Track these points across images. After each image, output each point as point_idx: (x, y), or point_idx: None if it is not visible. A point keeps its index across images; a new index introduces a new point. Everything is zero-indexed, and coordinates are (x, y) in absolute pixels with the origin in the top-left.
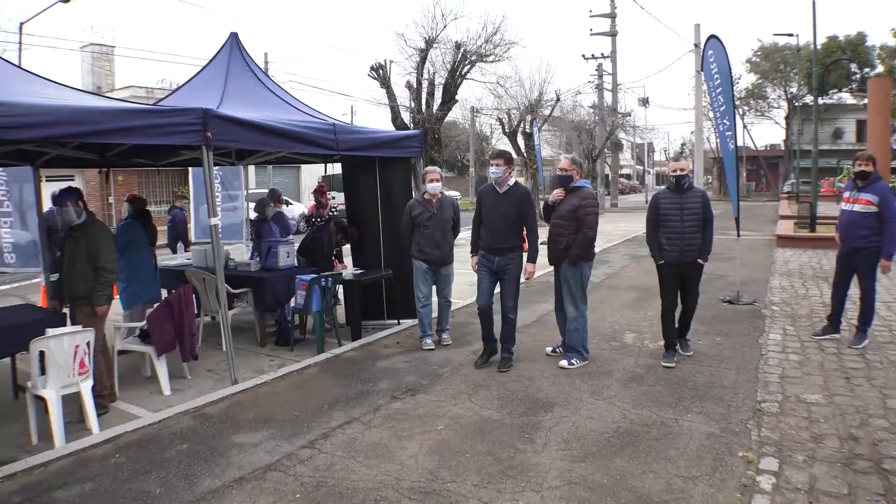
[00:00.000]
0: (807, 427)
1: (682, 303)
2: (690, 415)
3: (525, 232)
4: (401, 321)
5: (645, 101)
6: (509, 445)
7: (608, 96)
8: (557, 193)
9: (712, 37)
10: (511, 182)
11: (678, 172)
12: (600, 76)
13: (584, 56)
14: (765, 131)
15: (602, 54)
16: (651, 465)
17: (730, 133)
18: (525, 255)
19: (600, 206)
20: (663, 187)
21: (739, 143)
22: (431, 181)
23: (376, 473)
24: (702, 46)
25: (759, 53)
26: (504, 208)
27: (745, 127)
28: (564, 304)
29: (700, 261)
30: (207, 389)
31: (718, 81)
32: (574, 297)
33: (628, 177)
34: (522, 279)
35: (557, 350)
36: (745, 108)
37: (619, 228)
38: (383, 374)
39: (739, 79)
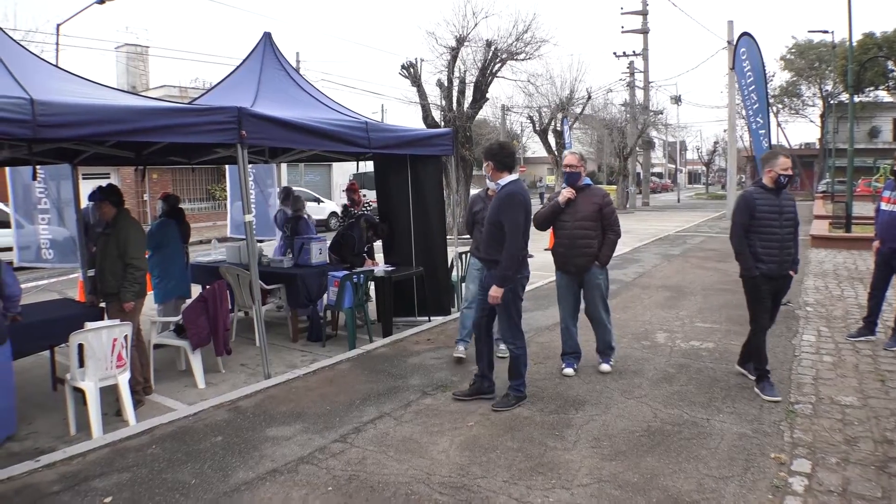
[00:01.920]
0: (840, 429)
1: None
2: (722, 415)
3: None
4: (431, 318)
5: (677, 99)
6: (540, 442)
7: (640, 94)
8: (568, 194)
9: (745, 34)
10: (503, 180)
11: (788, 171)
12: (632, 74)
13: (615, 53)
14: (799, 130)
15: (634, 52)
16: (682, 464)
17: (763, 131)
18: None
19: (631, 205)
20: (750, 186)
21: (773, 141)
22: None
23: (407, 468)
24: (734, 43)
25: (793, 51)
26: (490, 212)
27: (779, 125)
28: (593, 311)
29: (792, 272)
30: (241, 383)
31: (751, 79)
32: (605, 302)
33: (660, 175)
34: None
35: (575, 367)
36: (779, 106)
37: (651, 227)
38: (414, 371)
39: (773, 76)
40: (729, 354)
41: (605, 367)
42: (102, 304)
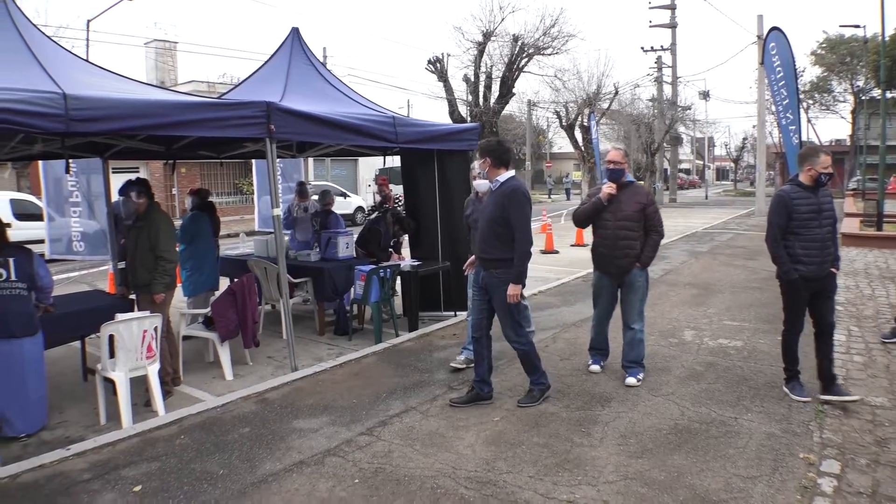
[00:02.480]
0: (871, 430)
1: (818, 328)
2: (750, 414)
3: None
4: (457, 313)
5: (705, 95)
6: (566, 439)
7: (668, 89)
8: (609, 189)
9: (774, 28)
10: (502, 177)
11: (829, 170)
12: (660, 69)
13: (643, 48)
14: (830, 126)
15: (661, 46)
16: (709, 463)
17: (793, 127)
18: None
19: (658, 201)
20: (786, 185)
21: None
22: (475, 178)
23: (433, 462)
24: (764, 38)
25: (824, 45)
26: (489, 210)
27: (809, 121)
28: (628, 314)
29: (834, 270)
30: (268, 375)
31: (781, 74)
32: (641, 308)
33: (687, 171)
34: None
35: (602, 364)
36: (810, 101)
37: (678, 224)
38: (440, 365)
39: (803, 72)
40: (758, 353)
41: (631, 380)
42: (132, 296)
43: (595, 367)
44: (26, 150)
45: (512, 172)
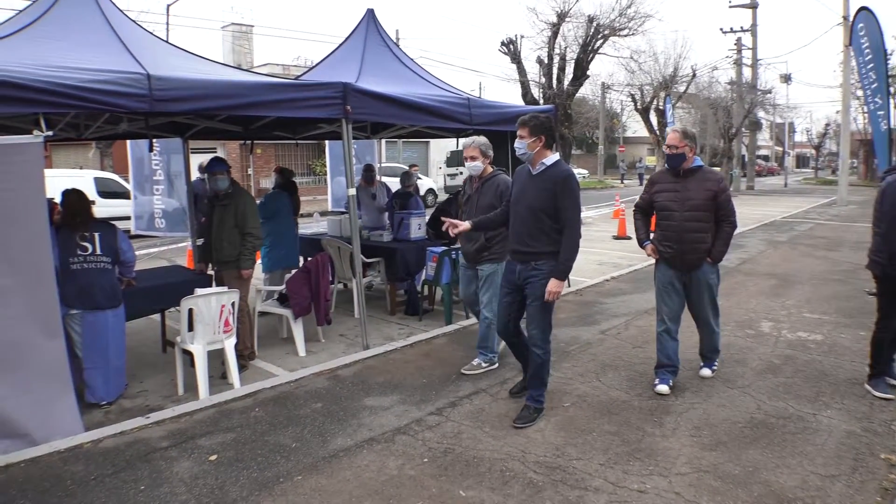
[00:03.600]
0: None
1: None
2: (830, 411)
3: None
4: None
5: (787, 78)
6: (637, 428)
7: (747, 72)
8: (650, 253)
9: (863, 8)
10: (548, 160)
11: None
12: (739, 51)
13: (721, 29)
14: None
15: (741, 27)
16: (786, 459)
17: (882, 112)
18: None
19: (736, 189)
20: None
21: (893, 124)
22: (467, 158)
23: (502, 445)
24: (851, 19)
25: None
26: (531, 196)
27: None
28: (699, 312)
29: None
30: (340, 353)
31: (870, 57)
32: (715, 304)
33: (766, 158)
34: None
35: (671, 383)
36: None
37: (756, 212)
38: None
39: (892, 54)
40: (839, 348)
41: (706, 371)
42: (210, 272)
43: (662, 388)
44: (111, 129)
45: (558, 155)
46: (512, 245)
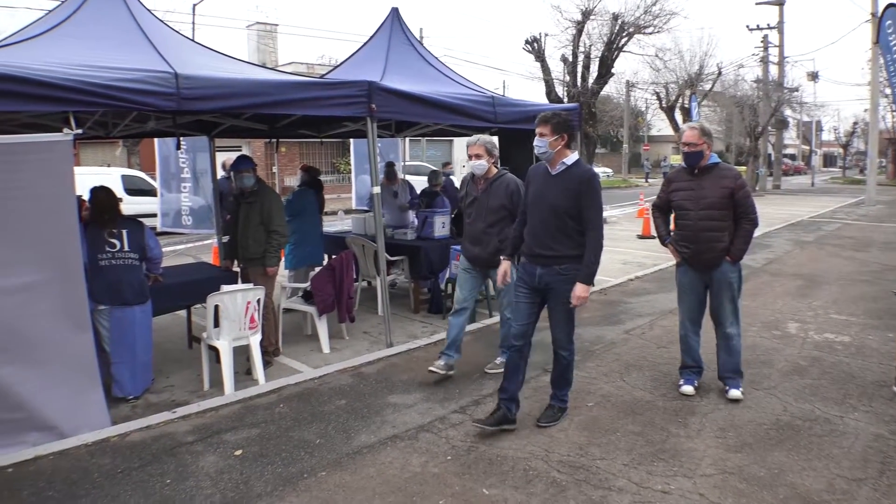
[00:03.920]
0: None
1: None
2: (857, 413)
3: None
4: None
5: (814, 76)
6: (661, 428)
7: (774, 70)
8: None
9: (891, 5)
10: (569, 159)
11: None
12: (766, 48)
13: (748, 27)
14: None
15: (768, 24)
16: (812, 462)
17: None
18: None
19: (762, 188)
20: None
21: None
22: (471, 157)
23: (526, 444)
24: (879, 16)
25: None
26: (553, 197)
27: None
28: (719, 313)
29: None
30: (363, 350)
31: None
32: (736, 307)
33: (792, 157)
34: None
35: (696, 384)
36: None
37: (782, 212)
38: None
39: None
40: (867, 350)
41: (734, 392)
42: (236, 269)
43: (687, 388)
44: (139, 127)
45: (577, 154)
46: (531, 248)
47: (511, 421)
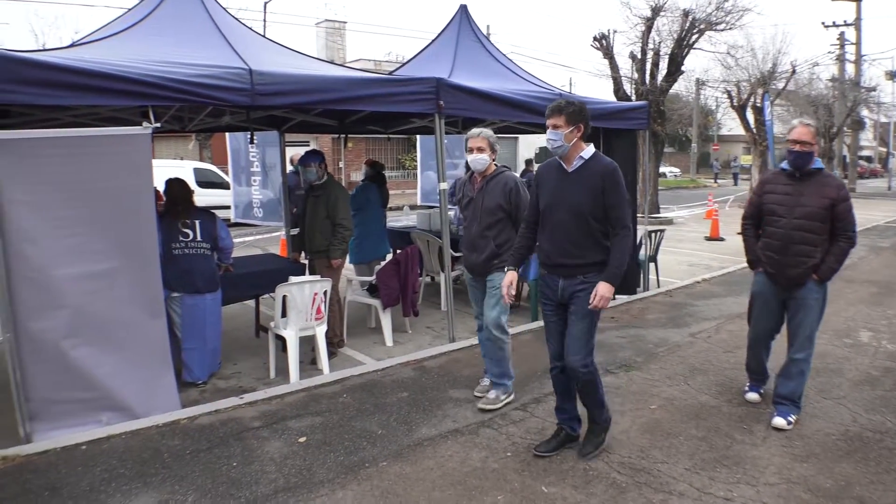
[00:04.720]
0: None
1: None
2: None
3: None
4: (616, 296)
5: (892, 75)
6: (726, 434)
7: (850, 68)
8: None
9: None
10: (586, 153)
11: None
12: (842, 46)
13: (823, 24)
14: None
15: (844, 21)
16: (881, 475)
17: None
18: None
19: None
20: None
21: None
22: (472, 150)
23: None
24: None
25: None
26: (572, 197)
27: None
28: (794, 338)
29: None
30: (426, 344)
31: None
32: (813, 330)
33: (868, 159)
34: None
35: (761, 392)
36: None
37: (857, 216)
38: (597, 348)
39: None
40: None
41: (779, 420)
42: (304, 261)
43: (753, 396)
44: (213, 122)
45: (593, 146)
46: (550, 258)
47: (576, 439)
